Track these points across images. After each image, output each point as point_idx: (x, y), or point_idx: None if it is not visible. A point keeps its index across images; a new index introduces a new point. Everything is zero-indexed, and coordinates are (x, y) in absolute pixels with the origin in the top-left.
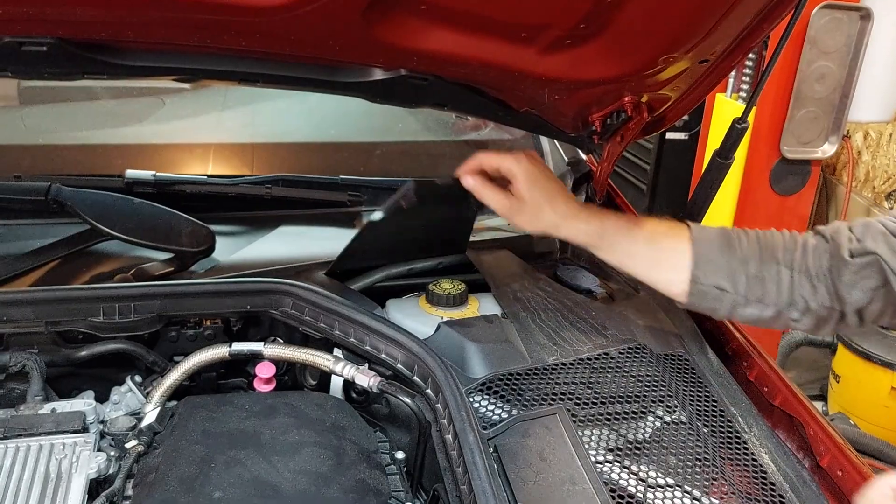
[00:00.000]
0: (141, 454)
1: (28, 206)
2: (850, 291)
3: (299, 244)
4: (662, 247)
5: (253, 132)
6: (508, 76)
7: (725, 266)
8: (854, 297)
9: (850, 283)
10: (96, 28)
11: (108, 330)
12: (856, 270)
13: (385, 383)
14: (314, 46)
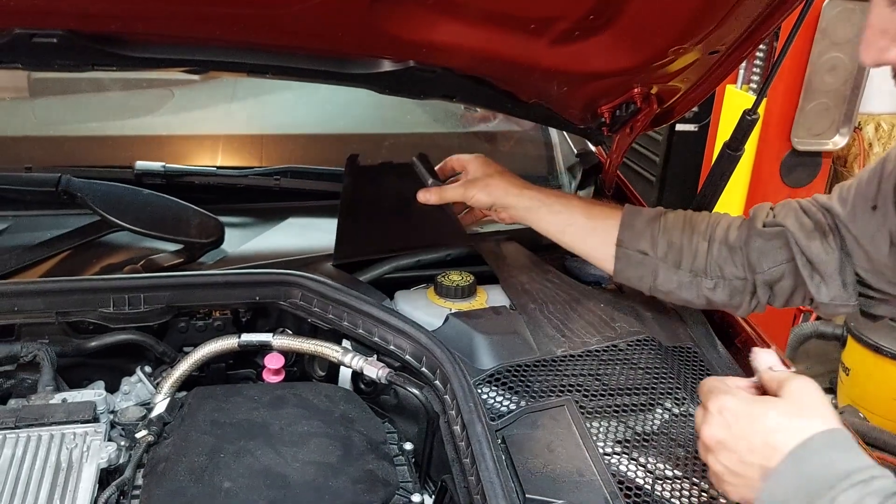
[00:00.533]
0: (151, 444)
1: (38, 197)
2: (760, 260)
3: (308, 235)
4: (596, 217)
5: (262, 123)
6: (517, 68)
7: (648, 233)
8: (764, 267)
9: (760, 252)
10: (106, 20)
11: (118, 321)
12: (766, 239)
13: (393, 374)
14: (323, 38)
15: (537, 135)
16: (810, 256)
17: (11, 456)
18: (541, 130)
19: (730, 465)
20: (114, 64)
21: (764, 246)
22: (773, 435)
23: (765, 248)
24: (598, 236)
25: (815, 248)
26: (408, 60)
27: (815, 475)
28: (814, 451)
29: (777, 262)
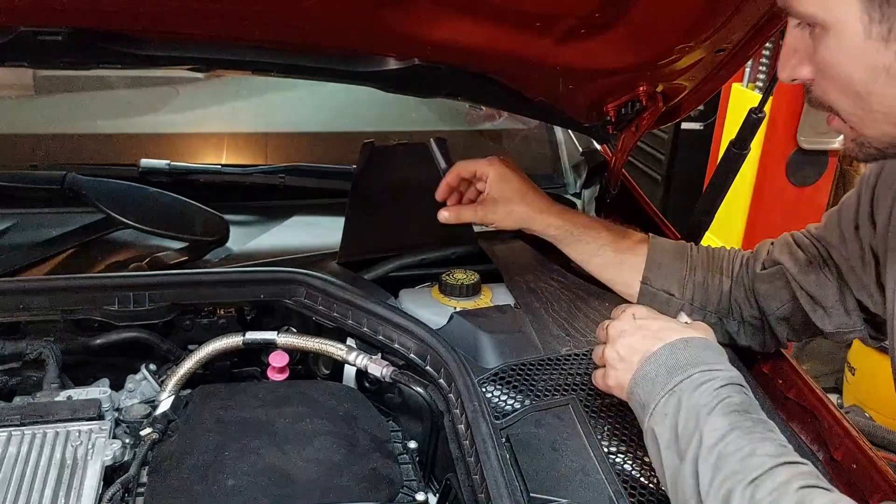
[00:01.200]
0: (156, 442)
1: (44, 194)
2: (768, 302)
3: (312, 234)
4: (623, 249)
5: (266, 122)
6: (523, 66)
7: (676, 272)
8: (773, 308)
9: (766, 294)
10: (111, 18)
11: (123, 318)
12: (768, 281)
13: (398, 373)
14: (328, 36)
15: (542, 133)
16: (809, 291)
17: (17, 453)
18: (546, 129)
19: (622, 350)
20: (119, 62)
21: (767, 288)
22: (664, 331)
23: (768, 290)
24: (625, 272)
25: (812, 281)
26: (413, 58)
27: (681, 360)
28: (689, 345)
29: (783, 301)
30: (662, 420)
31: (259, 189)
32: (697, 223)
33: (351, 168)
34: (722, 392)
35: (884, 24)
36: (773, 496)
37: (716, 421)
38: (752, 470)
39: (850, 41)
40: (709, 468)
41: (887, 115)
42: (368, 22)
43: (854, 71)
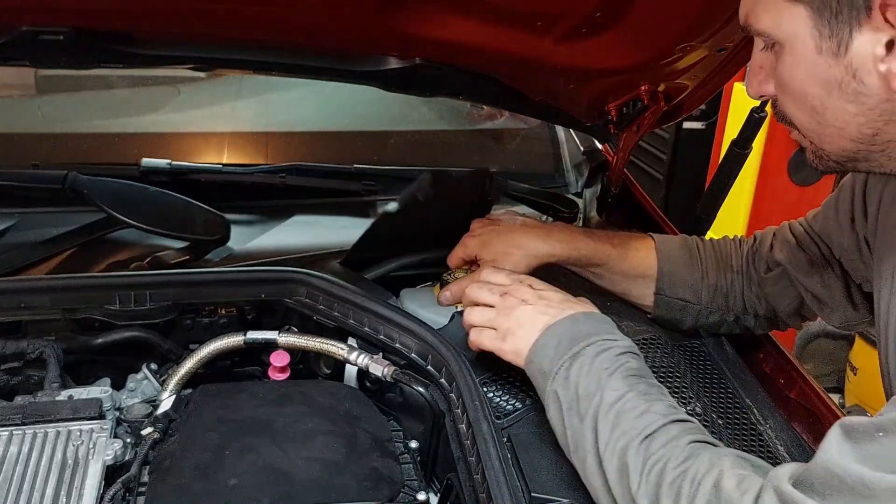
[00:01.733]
0: (156, 441)
1: (45, 194)
2: (778, 301)
3: (313, 233)
4: (632, 264)
5: (267, 121)
6: (524, 65)
7: (688, 278)
8: (783, 306)
9: (774, 295)
10: (112, 17)
11: (124, 318)
12: (774, 283)
13: (399, 372)
14: (329, 35)
15: (544, 132)
16: (814, 292)
17: (18, 452)
18: (547, 128)
19: (523, 318)
20: (120, 61)
21: (774, 290)
22: (565, 303)
23: (775, 291)
24: (638, 285)
25: (817, 283)
26: (414, 58)
27: (584, 330)
28: (589, 318)
29: (791, 298)
30: (565, 383)
31: (260, 188)
32: (699, 222)
33: (352, 168)
34: (621, 358)
35: (833, 40)
36: (666, 449)
37: (615, 382)
38: (647, 426)
39: (804, 57)
40: (608, 425)
41: (842, 129)
42: (370, 22)
43: (809, 86)
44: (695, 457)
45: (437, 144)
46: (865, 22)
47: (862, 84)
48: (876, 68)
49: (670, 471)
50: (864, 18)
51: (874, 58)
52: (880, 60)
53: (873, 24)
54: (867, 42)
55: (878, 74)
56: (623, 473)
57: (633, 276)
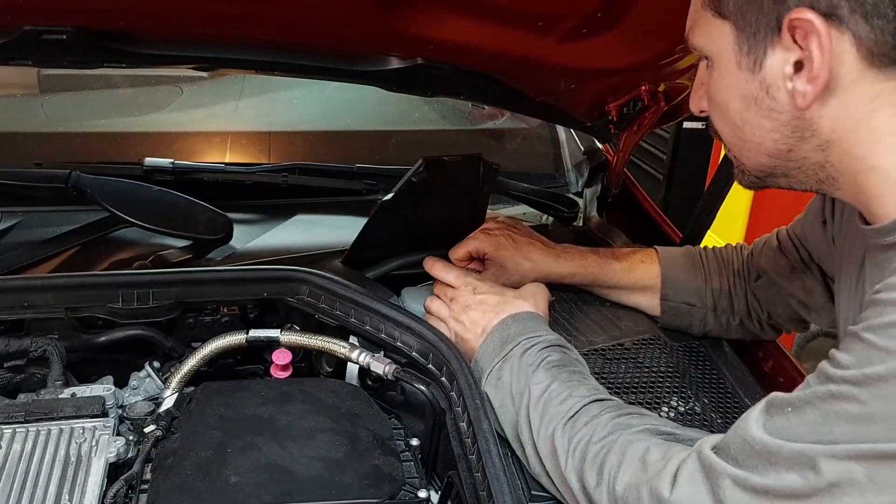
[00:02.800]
0: (159, 439)
1: (48, 193)
2: (772, 308)
3: (315, 232)
4: (639, 277)
5: (270, 120)
6: (525, 65)
7: (692, 282)
8: (778, 312)
9: (767, 301)
10: (115, 17)
11: (127, 316)
12: (764, 291)
13: (400, 371)
14: (331, 35)
15: (544, 132)
16: (797, 296)
17: (21, 450)
18: (548, 128)
19: (467, 322)
20: (123, 61)
21: (765, 297)
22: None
23: (767, 297)
24: (647, 296)
25: (798, 287)
26: (416, 57)
27: (511, 333)
28: (516, 319)
29: (785, 305)
30: (497, 383)
31: (262, 188)
32: (699, 222)
33: (353, 167)
34: (543, 353)
35: (751, 56)
36: (588, 427)
37: (539, 376)
38: (570, 409)
39: (727, 71)
40: (537, 415)
41: (759, 144)
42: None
43: (730, 100)
44: (617, 431)
45: (439, 144)
46: (777, 42)
47: (774, 100)
48: (785, 86)
49: (593, 445)
50: (776, 38)
51: (784, 76)
52: (788, 79)
53: (784, 44)
54: (778, 60)
55: (786, 91)
56: (554, 456)
57: (640, 288)
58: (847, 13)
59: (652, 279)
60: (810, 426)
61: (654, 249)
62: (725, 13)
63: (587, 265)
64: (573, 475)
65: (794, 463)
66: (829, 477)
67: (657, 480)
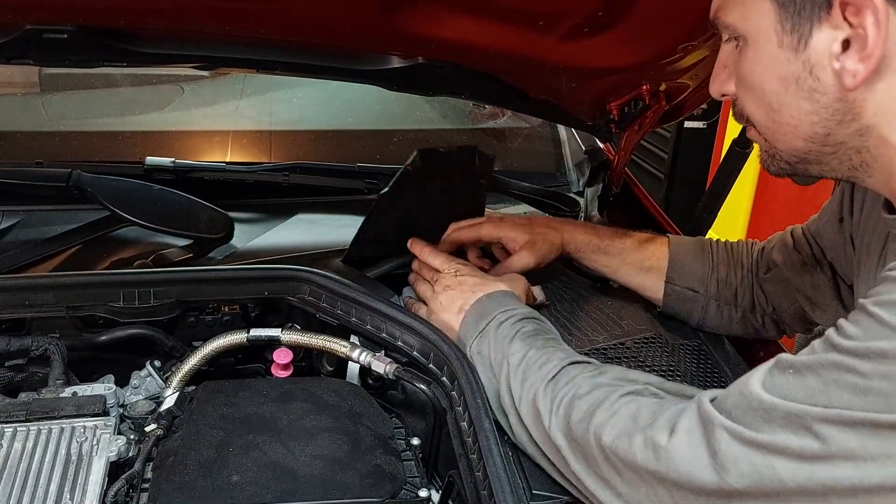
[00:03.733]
0: (160, 438)
1: (49, 192)
2: (778, 302)
3: (316, 231)
4: (648, 255)
5: (271, 120)
6: (526, 64)
7: (698, 269)
8: (784, 307)
9: (774, 295)
10: (116, 16)
11: (128, 315)
12: (772, 283)
13: (401, 370)
14: (332, 34)
15: (546, 131)
16: (805, 292)
17: (22, 449)
18: (549, 127)
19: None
20: (124, 60)
21: (773, 290)
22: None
23: (774, 291)
24: (652, 277)
25: (806, 282)
26: (417, 57)
27: (487, 309)
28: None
29: (791, 300)
30: (477, 357)
31: (263, 187)
32: (700, 221)
33: (354, 166)
34: (517, 325)
35: (794, 34)
36: (568, 386)
37: (515, 346)
38: (549, 372)
39: (765, 51)
40: (518, 382)
41: (796, 127)
42: (373, 21)
43: (767, 81)
44: (601, 388)
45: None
46: (825, 19)
47: (818, 81)
48: (831, 65)
49: (577, 400)
50: (825, 15)
51: (830, 54)
52: (836, 58)
53: (833, 22)
54: (825, 39)
55: (832, 71)
56: (537, 418)
57: (646, 269)
58: None
59: (659, 260)
60: (809, 390)
61: (666, 235)
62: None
63: (601, 233)
64: (558, 433)
65: (787, 422)
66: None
67: (652, 430)
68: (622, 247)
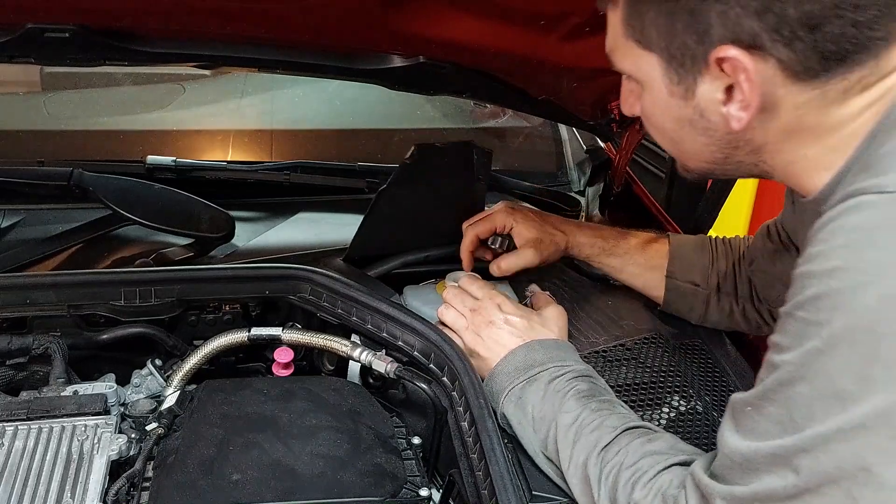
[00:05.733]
0: (161, 436)
1: (51, 191)
2: (767, 293)
3: (317, 230)
4: (651, 254)
5: (272, 119)
6: (527, 64)
7: (699, 264)
8: (772, 297)
9: (762, 286)
10: (118, 15)
11: (129, 314)
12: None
13: (402, 369)
14: (333, 33)
15: (547, 131)
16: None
17: (23, 447)
18: (550, 126)
19: (489, 342)
20: (125, 59)
21: (760, 282)
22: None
23: (760, 283)
24: (656, 275)
25: (778, 269)
26: (418, 56)
27: (536, 358)
28: (543, 345)
29: (776, 290)
30: (517, 402)
31: (265, 186)
32: (701, 221)
33: (355, 165)
34: (573, 382)
35: (681, 85)
36: (618, 456)
37: (569, 405)
38: (601, 438)
39: (659, 97)
40: (568, 444)
41: (697, 154)
42: (374, 20)
43: (665, 121)
44: (647, 457)
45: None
46: (706, 72)
47: (709, 121)
48: (718, 110)
49: (624, 471)
50: (704, 69)
51: (716, 101)
52: (721, 104)
53: (713, 74)
54: (709, 88)
55: (720, 115)
56: (586, 483)
57: (650, 267)
58: (768, 42)
59: (662, 258)
60: (774, 420)
61: (667, 234)
62: (650, 46)
63: (605, 235)
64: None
65: (772, 464)
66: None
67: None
68: (627, 247)
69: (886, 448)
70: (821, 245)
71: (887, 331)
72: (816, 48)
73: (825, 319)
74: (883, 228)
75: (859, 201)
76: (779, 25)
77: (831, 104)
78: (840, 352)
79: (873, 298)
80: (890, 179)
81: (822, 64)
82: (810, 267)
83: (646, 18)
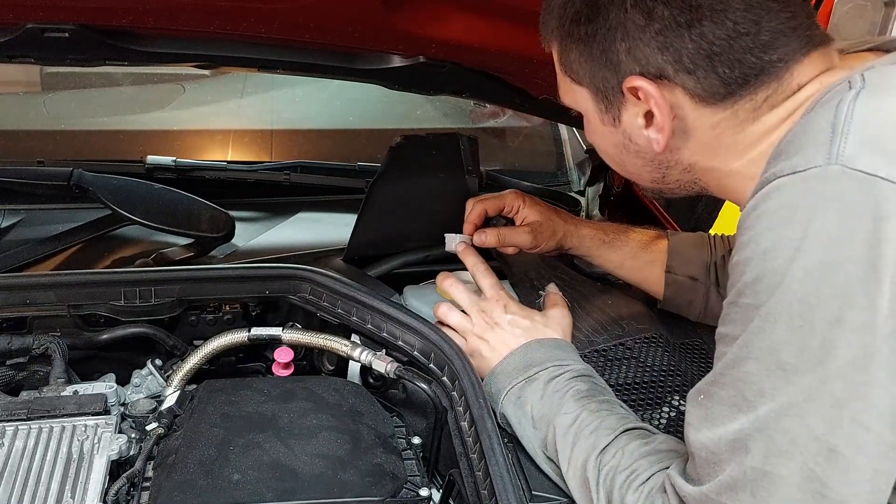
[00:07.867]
0: (161, 436)
1: (51, 191)
2: None
3: (317, 230)
4: (651, 250)
5: (272, 119)
6: (527, 63)
7: (697, 258)
8: None
9: None
10: (118, 15)
11: (129, 314)
12: None
13: (402, 369)
14: (333, 33)
15: (547, 130)
16: None
17: (23, 447)
18: (550, 126)
19: (493, 342)
20: (125, 59)
21: None
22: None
23: None
24: (655, 271)
25: None
26: (418, 56)
27: (536, 358)
28: (542, 345)
29: None
30: (516, 401)
31: (264, 186)
32: (701, 220)
33: (355, 165)
34: (571, 382)
35: (609, 114)
36: (615, 458)
37: (568, 405)
38: (600, 441)
39: (596, 126)
40: (567, 444)
41: (639, 175)
42: (374, 20)
43: (606, 147)
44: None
45: None
46: (625, 100)
47: (637, 145)
48: (642, 133)
49: (619, 474)
50: (623, 99)
51: (639, 126)
52: (643, 128)
53: (631, 102)
54: (631, 115)
55: (645, 138)
56: (585, 487)
57: (650, 262)
58: (672, 72)
59: (661, 253)
60: (728, 403)
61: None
62: (581, 81)
63: (606, 229)
64: None
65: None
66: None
67: None
68: (627, 242)
69: (832, 417)
70: (749, 232)
71: (816, 301)
72: (717, 75)
73: (764, 300)
74: (801, 206)
75: (776, 184)
76: (679, 57)
77: (744, 122)
78: (780, 326)
79: (801, 272)
80: (799, 158)
81: (725, 88)
82: (744, 254)
83: (572, 56)
